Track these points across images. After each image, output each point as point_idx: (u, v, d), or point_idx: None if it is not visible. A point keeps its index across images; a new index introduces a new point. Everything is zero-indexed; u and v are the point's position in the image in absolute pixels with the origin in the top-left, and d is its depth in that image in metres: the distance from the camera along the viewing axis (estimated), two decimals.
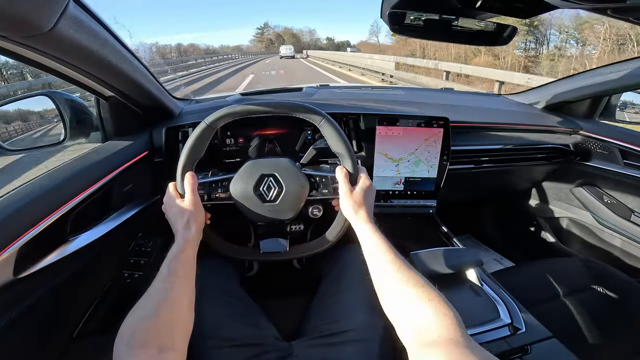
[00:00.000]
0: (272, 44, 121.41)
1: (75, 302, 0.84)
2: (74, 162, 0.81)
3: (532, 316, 0.78)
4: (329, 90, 1.46)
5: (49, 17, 0.47)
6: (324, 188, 0.74)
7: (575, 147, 1.35)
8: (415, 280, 0.55)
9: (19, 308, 0.64)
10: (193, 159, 0.70)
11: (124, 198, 0.90)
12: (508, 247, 1.74)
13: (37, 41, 0.52)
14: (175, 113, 1.10)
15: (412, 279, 0.55)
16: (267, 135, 1.07)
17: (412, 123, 1.08)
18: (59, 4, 0.48)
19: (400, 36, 0.77)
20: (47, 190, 0.69)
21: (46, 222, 0.65)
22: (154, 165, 1.01)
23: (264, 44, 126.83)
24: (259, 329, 0.73)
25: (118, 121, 0.95)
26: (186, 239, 0.63)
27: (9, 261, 0.59)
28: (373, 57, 13.77)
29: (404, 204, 1.18)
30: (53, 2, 0.47)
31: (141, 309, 0.53)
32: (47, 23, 0.47)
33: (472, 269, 0.90)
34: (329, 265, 0.87)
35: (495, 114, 1.37)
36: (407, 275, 0.56)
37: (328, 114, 0.72)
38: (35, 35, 0.49)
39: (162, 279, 0.57)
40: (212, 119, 0.69)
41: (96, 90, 0.82)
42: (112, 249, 0.96)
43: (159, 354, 0.48)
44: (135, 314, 0.52)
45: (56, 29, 0.50)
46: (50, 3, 0.47)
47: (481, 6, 0.63)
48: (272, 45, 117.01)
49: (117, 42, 0.70)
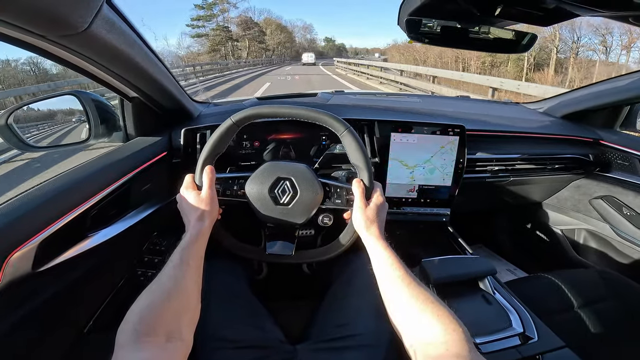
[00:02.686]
0: (233, 46, 62.63)
1: (88, 298, 0.85)
2: (97, 160, 0.83)
3: (546, 326, 0.76)
4: (344, 96, 1.48)
5: (85, 17, 0.50)
6: (337, 198, 0.75)
7: (594, 158, 1.33)
8: (425, 296, 0.55)
9: (34, 302, 0.65)
10: (215, 153, 0.72)
11: (142, 197, 0.93)
12: (522, 258, 1.70)
13: (72, 41, 0.54)
14: (194, 115, 1.13)
15: (422, 294, 0.56)
16: (283, 139, 1.09)
17: (427, 130, 1.08)
18: (95, 5, 0.51)
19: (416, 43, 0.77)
20: (70, 186, 0.71)
21: (67, 218, 0.67)
22: (171, 166, 1.03)
23: (209, 43, 60.69)
24: (265, 332, 0.73)
25: (140, 122, 0.97)
26: (199, 231, 0.64)
27: (29, 255, 0.60)
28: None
29: (417, 212, 1.18)
30: (89, 3, 0.50)
31: (151, 293, 0.53)
32: (83, 23, 0.50)
33: (485, 278, 0.89)
34: (338, 271, 0.87)
35: (512, 122, 1.35)
36: (417, 291, 0.56)
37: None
38: (70, 35, 0.51)
39: (174, 266, 0.57)
40: (238, 117, 0.71)
41: (121, 91, 0.85)
42: (128, 247, 0.98)
43: (167, 342, 0.48)
44: (145, 298, 0.52)
45: (90, 29, 0.52)
46: (87, 4, 0.49)
47: (500, 14, 0.63)
48: (231, 51, 60.65)
49: (143, 44, 0.73)
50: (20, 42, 0.52)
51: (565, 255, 1.54)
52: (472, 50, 0.79)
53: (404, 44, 9.22)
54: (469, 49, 0.79)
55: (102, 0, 0.52)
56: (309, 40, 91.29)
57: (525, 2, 0.57)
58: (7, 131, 0.85)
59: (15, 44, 0.51)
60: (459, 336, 0.49)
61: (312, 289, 0.92)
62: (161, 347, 0.47)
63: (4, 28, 0.46)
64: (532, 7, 0.57)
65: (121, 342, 0.46)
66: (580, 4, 0.47)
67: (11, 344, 0.63)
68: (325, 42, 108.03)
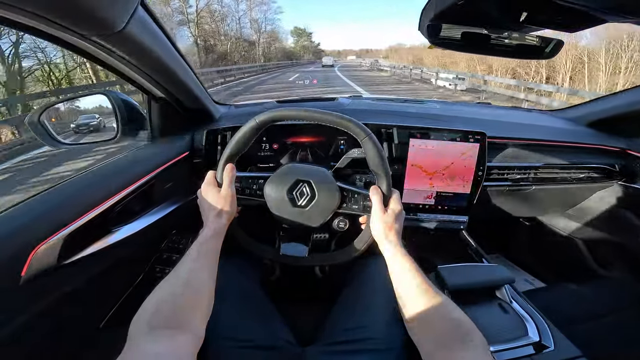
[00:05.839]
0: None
1: (106, 293, 0.88)
2: (124, 157, 0.87)
3: (563, 335, 0.75)
4: (362, 101, 1.48)
5: (122, 18, 0.52)
6: (354, 203, 0.75)
7: (620, 168, 1.29)
8: (443, 305, 0.56)
9: (55, 294, 0.67)
10: (237, 152, 0.74)
11: (164, 195, 0.96)
12: (541, 269, 1.65)
13: (108, 40, 0.57)
14: (216, 117, 1.16)
15: (440, 303, 0.56)
16: (301, 142, 1.10)
17: (446, 137, 1.07)
18: (131, 6, 0.54)
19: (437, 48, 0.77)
20: (98, 181, 0.75)
21: (94, 212, 0.70)
22: (192, 166, 1.06)
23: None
24: (274, 333, 0.73)
25: (164, 122, 1.01)
26: (216, 228, 0.66)
27: (55, 248, 0.62)
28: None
29: (434, 219, 1.17)
30: (126, 4, 0.52)
31: (169, 286, 0.54)
32: (120, 23, 0.53)
33: (502, 287, 0.87)
34: (351, 275, 0.87)
35: (535, 130, 1.32)
36: (436, 300, 0.56)
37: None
38: (108, 34, 0.54)
39: (192, 259, 0.59)
40: (262, 118, 0.72)
41: (149, 91, 0.88)
42: (148, 243, 1.01)
43: (179, 335, 0.48)
44: (161, 290, 0.53)
45: (126, 30, 0.55)
46: (124, 5, 0.52)
47: (525, 20, 0.63)
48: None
49: (172, 45, 0.75)
50: (61, 41, 0.55)
51: (587, 267, 1.49)
52: (494, 56, 0.78)
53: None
54: (492, 55, 0.78)
55: (137, 1, 0.55)
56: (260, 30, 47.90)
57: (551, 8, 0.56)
58: (39, 128, 0.89)
59: (55, 42, 0.55)
60: (474, 343, 0.49)
61: (323, 292, 0.92)
62: (173, 339, 0.48)
63: (49, 28, 0.49)
64: (558, 13, 0.56)
65: (134, 332, 0.47)
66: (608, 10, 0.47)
67: (30, 335, 0.64)
68: (294, 38, 68.97)
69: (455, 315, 0.54)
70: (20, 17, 0.44)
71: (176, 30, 34.81)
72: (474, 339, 0.50)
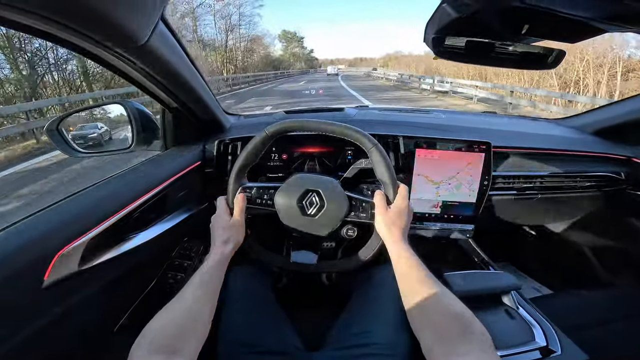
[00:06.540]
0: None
1: (120, 298, 0.89)
2: (140, 167, 0.90)
3: (570, 340, 0.75)
4: (369, 112, 1.50)
5: (145, 31, 0.56)
6: (362, 212, 0.76)
7: (627, 176, 1.28)
8: (446, 298, 0.56)
9: (73, 299, 0.68)
10: (249, 163, 0.76)
11: (177, 203, 0.98)
12: (548, 277, 1.64)
13: (131, 52, 0.61)
14: (226, 127, 1.19)
15: (443, 296, 0.56)
16: (309, 153, 1.12)
17: (452, 147, 1.09)
18: (153, 20, 0.57)
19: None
20: (117, 190, 0.77)
21: (113, 219, 0.72)
22: (204, 175, 1.09)
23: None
24: (282, 338, 0.74)
25: (178, 132, 1.04)
26: (222, 253, 0.69)
27: (77, 252, 0.65)
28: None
29: (440, 227, 1.17)
30: (150, 19, 0.56)
31: (169, 312, 0.56)
32: (144, 37, 0.56)
33: (509, 293, 0.88)
34: (358, 283, 0.88)
35: (540, 139, 1.33)
36: (439, 294, 0.57)
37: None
38: (131, 47, 0.57)
39: (194, 288, 0.61)
40: (273, 129, 0.74)
41: (165, 102, 0.91)
42: (161, 250, 1.02)
43: (172, 357, 0.50)
44: (162, 317, 0.55)
45: (149, 43, 0.58)
46: (148, 19, 0.55)
47: (526, 32, 0.64)
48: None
49: (187, 58, 0.79)
50: (87, 52, 0.58)
51: (594, 274, 1.48)
52: (497, 66, 0.80)
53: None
54: (495, 66, 0.80)
55: (159, 16, 0.58)
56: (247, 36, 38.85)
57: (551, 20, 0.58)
58: (57, 136, 0.93)
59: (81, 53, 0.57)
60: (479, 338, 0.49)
61: (331, 299, 0.93)
62: None
63: (79, 40, 0.52)
64: (558, 24, 0.58)
65: (133, 357, 0.49)
66: (607, 20, 0.48)
67: (50, 338, 0.65)
68: (283, 43, 60.68)
69: (456, 308, 0.54)
70: (54, 29, 0.47)
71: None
72: (474, 332, 0.50)
